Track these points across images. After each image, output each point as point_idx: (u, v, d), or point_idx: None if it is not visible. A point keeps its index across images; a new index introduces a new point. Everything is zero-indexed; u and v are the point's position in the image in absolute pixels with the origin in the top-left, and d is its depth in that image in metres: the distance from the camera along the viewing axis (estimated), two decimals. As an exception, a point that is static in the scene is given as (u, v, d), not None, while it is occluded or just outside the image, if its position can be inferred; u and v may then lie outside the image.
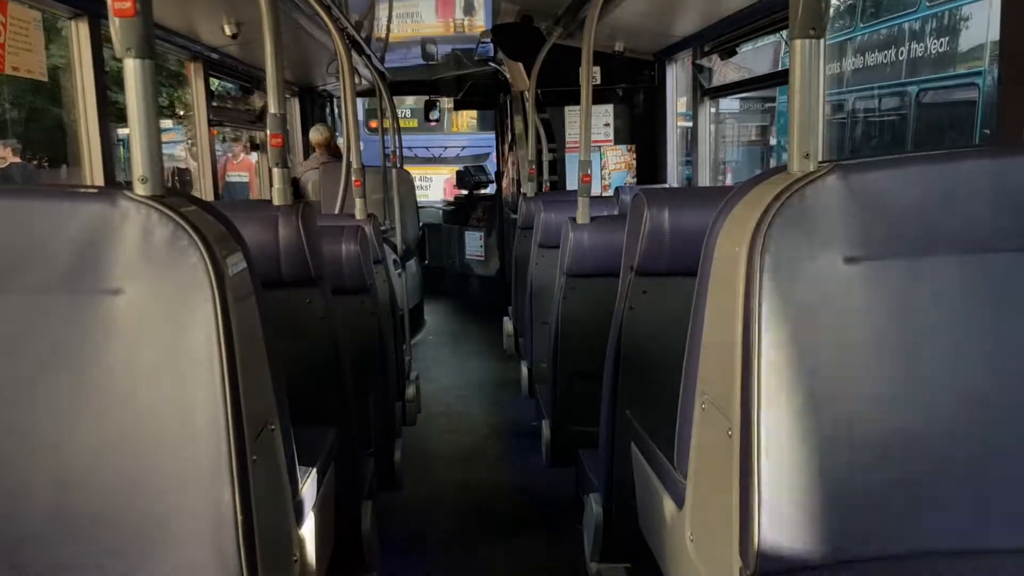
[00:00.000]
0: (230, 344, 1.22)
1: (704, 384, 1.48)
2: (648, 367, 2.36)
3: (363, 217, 3.86)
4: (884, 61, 10.56)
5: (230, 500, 1.22)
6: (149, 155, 1.27)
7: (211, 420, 1.21)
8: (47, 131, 11.34)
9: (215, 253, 1.22)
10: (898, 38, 10.29)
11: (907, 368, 1.29)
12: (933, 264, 1.29)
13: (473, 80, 8.58)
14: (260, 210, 2.35)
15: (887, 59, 10.49)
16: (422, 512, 3.71)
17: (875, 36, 10.99)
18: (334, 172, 5.71)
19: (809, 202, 1.26)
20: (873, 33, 11.06)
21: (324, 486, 1.87)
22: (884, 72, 10.54)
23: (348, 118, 4.24)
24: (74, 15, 3.22)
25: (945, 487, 1.31)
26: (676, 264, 2.25)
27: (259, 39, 2.51)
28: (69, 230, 1.21)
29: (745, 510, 1.26)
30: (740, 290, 1.27)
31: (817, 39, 1.29)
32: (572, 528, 3.30)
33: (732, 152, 15.75)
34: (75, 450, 1.24)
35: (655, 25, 5.15)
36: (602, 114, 6.39)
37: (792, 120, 1.32)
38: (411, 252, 7.13)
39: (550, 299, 3.58)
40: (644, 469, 1.94)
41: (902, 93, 10.18)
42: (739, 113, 15.37)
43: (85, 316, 1.22)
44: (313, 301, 2.34)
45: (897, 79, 10.24)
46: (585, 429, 3.26)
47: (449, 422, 5.03)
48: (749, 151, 16.03)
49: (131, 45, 1.24)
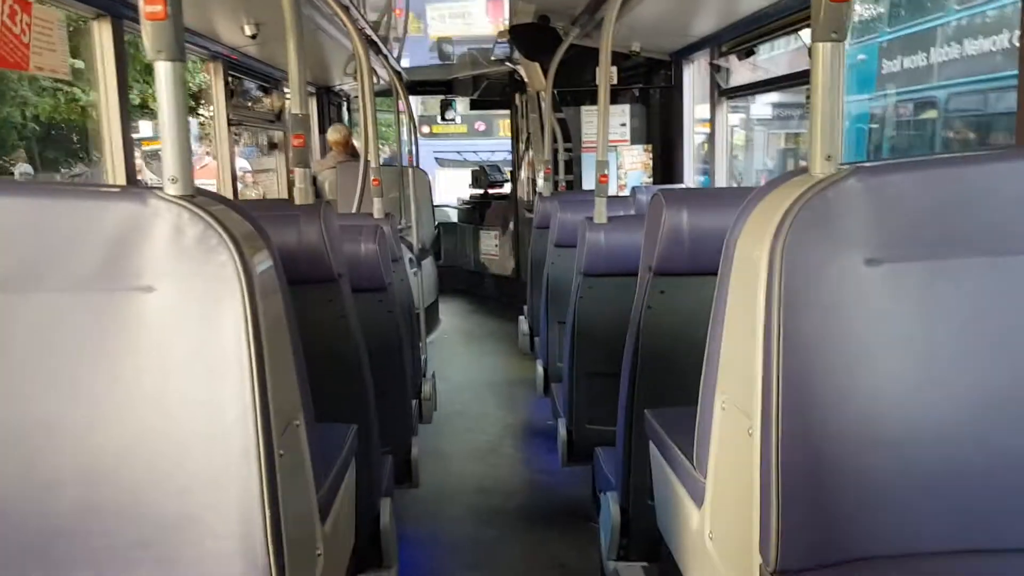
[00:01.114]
0: (258, 341, 1.24)
1: (724, 384, 1.49)
2: (666, 367, 2.37)
3: (381, 216, 3.89)
4: (992, 48, 8.41)
5: (258, 495, 1.24)
6: (179, 155, 1.29)
7: (240, 416, 1.23)
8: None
9: (243, 251, 1.24)
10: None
11: (927, 369, 1.30)
12: (954, 266, 1.29)
13: (489, 80, 8.60)
14: (281, 209, 2.37)
15: (995, 46, 8.34)
16: (439, 509, 3.73)
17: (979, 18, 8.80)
18: (350, 171, 5.74)
19: (830, 204, 1.27)
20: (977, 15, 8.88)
21: (345, 482, 1.89)
22: (993, 61, 8.36)
23: (366, 117, 4.27)
24: (97, 15, 3.26)
25: (965, 487, 1.31)
26: (694, 264, 2.26)
27: (277, 39, 2.54)
28: (101, 229, 1.23)
29: (765, 508, 1.28)
30: (761, 291, 1.28)
31: (839, 42, 1.30)
32: (588, 526, 3.32)
33: (763, 158, 15.16)
34: (105, 445, 1.26)
35: (672, 25, 5.15)
36: (618, 114, 6.39)
37: (814, 122, 1.33)
38: (427, 251, 7.16)
39: (566, 298, 3.59)
40: (663, 468, 1.96)
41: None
42: (771, 120, 14.87)
43: (116, 313, 1.24)
44: (333, 299, 2.36)
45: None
46: (601, 428, 3.27)
47: (465, 420, 5.04)
48: (785, 158, 14.97)
49: (162, 48, 1.26)
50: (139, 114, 11.05)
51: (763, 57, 5.32)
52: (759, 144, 14.98)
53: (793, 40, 4.99)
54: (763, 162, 14.96)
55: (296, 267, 2.23)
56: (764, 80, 5.11)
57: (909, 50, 10.18)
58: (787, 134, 14.91)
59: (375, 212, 4.00)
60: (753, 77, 5.15)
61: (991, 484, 1.32)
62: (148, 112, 11.56)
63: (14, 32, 2.70)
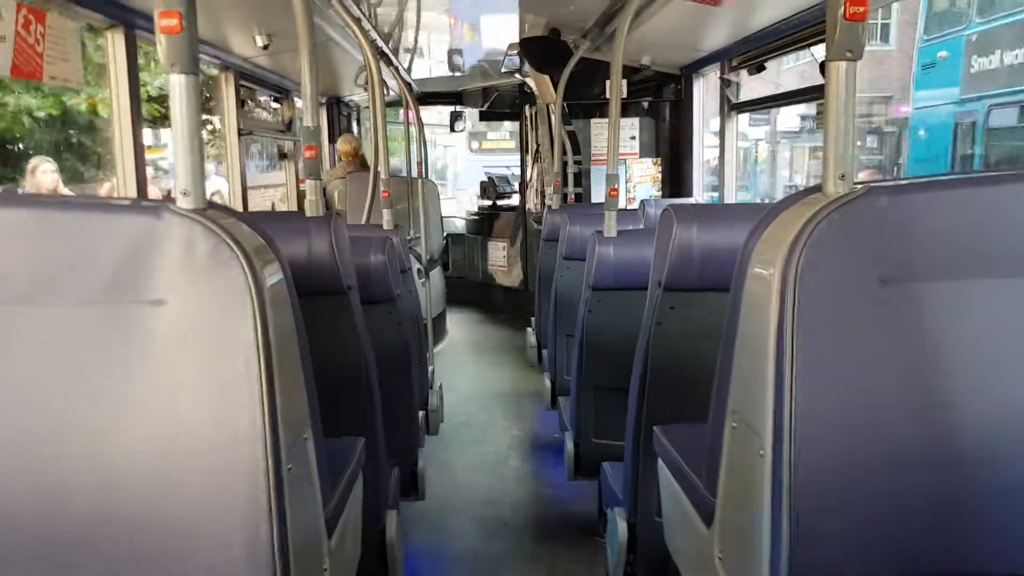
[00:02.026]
0: (268, 354, 1.24)
1: (735, 403, 1.49)
2: (675, 383, 2.36)
3: (391, 227, 3.89)
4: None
5: (266, 509, 1.24)
6: (192, 169, 1.30)
7: (249, 429, 1.23)
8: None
9: (254, 265, 1.24)
10: None
11: (942, 390, 1.29)
12: (970, 287, 1.29)
13: (499, 91, 8.62)
14: (291, 221, 2.37)
15: None
16: (445, 522, 3.71)
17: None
18: (360, 182, 5.75)
19: (844, 223, 1.26)
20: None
21: (352, 497, 1.88)
22: None
23: (377, 128, 4.28)
24: (111, 26, 3.28)
25: (979, 508, 1.30)
26: (705, 280, 2.25)
27: (289, 50, 2.54)
28: (113, 242, 1.24)
29: (776, 530, 1.27)
30: (774, 310, 1.27)
31: (854, 61, 1.30)
32: (595, 542, 3.30)
33: (787, 172, 14.51)
34: (115, 456, 1.26)
35: (682, 39, 5.16)
36: (628, 127, 6.39)
37: (827, 141, 1.32)
38: (435, 261, 7.16)
39: (574, 311, 3.58)
40: (671, 486, 1.94)
41: None
42: (799, 133, 14.36)
43: (128, 326, 1.24)
44: (343, 311, 2.36)
45: None
46: (609, 443, 3.26)
47: (472, 432, 5.03)
48: (815, 173, 13.94)
49: (176, 61, 1.27)
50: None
51: (788, 67, 5.25)
52: (785, 159, 14.60)
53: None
54: (790, 178, 14.49)
55: (306, 279, 2.23)
56: (775, 95, 5.11)
57: (1008, 43, 8.91)
58: (811, 148, 14.41)
59: (385, 223, 4.01)
60: (766, 91, 5.14)
61: (1008, 505, 1.30)
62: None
63: (28, 42, 2.71)
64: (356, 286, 2.42)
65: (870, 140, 15.42)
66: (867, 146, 15.99)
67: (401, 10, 6.38)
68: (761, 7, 4.14)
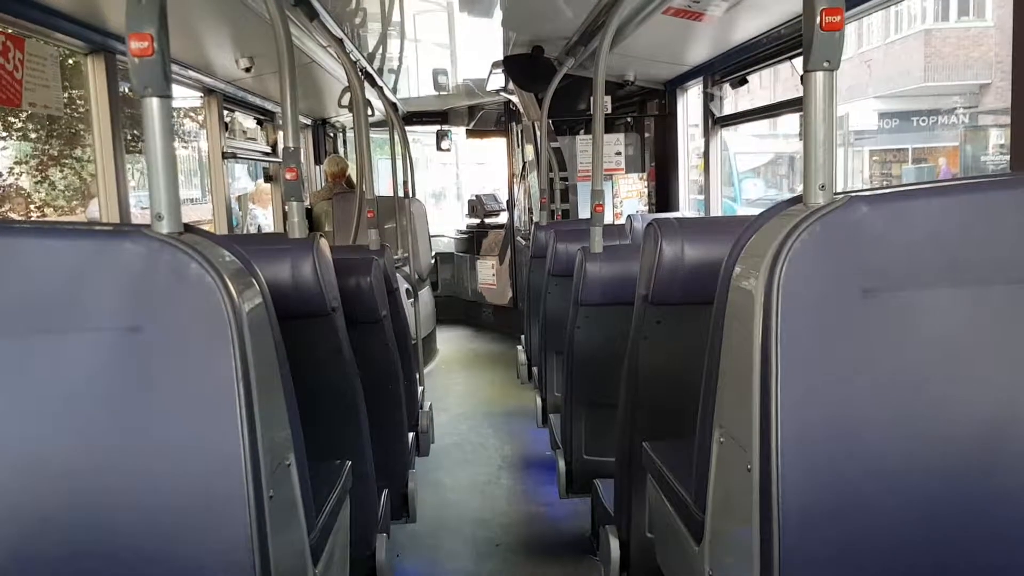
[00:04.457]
0: (247, 380, 1.22)
1: (721, 417, 1.47)
2: (663, 397, 2.35)
3: (377, 247, 3.88)
4: None
5: (247, 537, 1.22)
6: (167, 192, 1.28)
7: (229, 456, 1.21)
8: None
9: (232, 290, 1.22)
10: None
11: (928, 400, 1.28)
12: (952, 295, 1.28)
13: (484, 109, 8.64)
14: (274, 243, 2.35)
15: None
16: (437, 544, 3.68)
17: None
18: (346, 202, 5.73)
19: (826, 234, 1.25)
20: None
21: (339, 522, 1.86)
22: None
23: (362, 149, 4.27)
24: (90, 51, 3.27)
25: (966, 518, 1.29)
26: (690, 294, 2.24)
27: (272, 72, 2.53)
28: (89, 269, 1.22)
29: (766, 546, 1.25)
30: (757, 322, 1.26)
31: (831, 71, 1.30)
32: (588, 560, 3.27)
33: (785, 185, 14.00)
34: (93, 484, 1.24)
35: (666, 55, 5.18)
36: (613, 143, 6.41)
37: (808, 152, 1.32)
38: (423, 281, 7.14)
39: (563, 328, 3.57)
40: (661, 502, 1.93)
41: None
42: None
43: (105, 354, 1.22)
44: (327, 333, 2.34)
45: None
46: (600, 459, 3.24)
47: (462, 452, 5.00)
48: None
49: (149, 84, 1.26)
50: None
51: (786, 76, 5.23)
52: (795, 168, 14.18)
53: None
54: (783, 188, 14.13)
55: (289, 302, 2.21)
56: (757, 108, 5.13)
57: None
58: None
59: (371, 243, 3.99)
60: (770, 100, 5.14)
61: (997, 517, 1.29)
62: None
63: (7, 68, 2.70)
64: (340, 308, 2.40)
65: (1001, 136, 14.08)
66: (997, 143, 15.02)
67: (385, 31, 6.40)
68: (742, 21, 4.16)
